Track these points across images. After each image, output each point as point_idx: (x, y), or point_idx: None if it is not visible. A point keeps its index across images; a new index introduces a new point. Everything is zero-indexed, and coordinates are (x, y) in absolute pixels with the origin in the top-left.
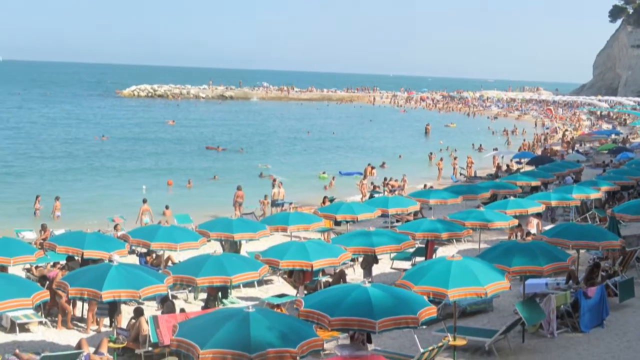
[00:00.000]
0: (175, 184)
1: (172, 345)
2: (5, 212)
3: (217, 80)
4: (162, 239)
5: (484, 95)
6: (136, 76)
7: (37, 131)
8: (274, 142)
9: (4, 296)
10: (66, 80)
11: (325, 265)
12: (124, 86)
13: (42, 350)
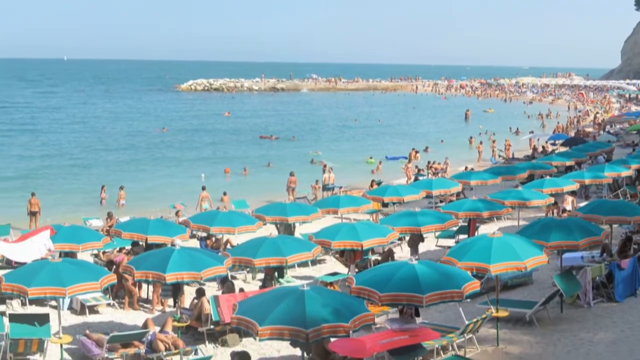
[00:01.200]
0: (232, 171)
1: (233, 323)
2: (73, 201)
3: (269, 74)
4: (221, 224)
5: (520, 81)
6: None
7: (101, 125)
8: (323, 130)
9: (74, 280)
10: (127, 77)
11: (374, 244)
12: (182, 81)
13: (110, 330)
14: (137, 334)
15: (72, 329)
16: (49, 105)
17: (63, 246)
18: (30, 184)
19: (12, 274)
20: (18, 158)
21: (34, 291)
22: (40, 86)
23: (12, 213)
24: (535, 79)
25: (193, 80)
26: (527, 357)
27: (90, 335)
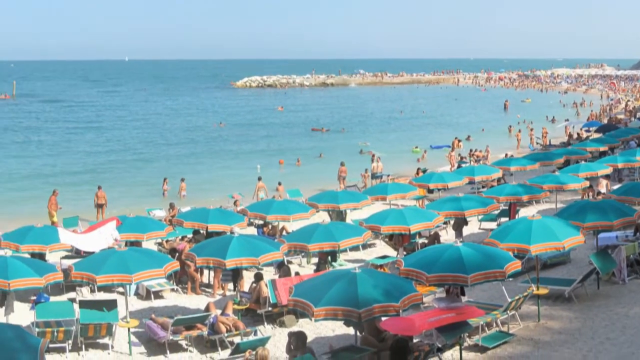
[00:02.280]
0: (286, 162)
1: (289, 305)
2: (137, 193)
3: (319, 70)
4: (277, 212)
5: (555, 72)
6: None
7: (162, 121)
8: (371, 122)
9: (139, 268)
10: (186, 76)
11: (421, 228)
12: (237, 78)
13: (174, 314)
14: (200, 317)
15: (138, 314)
16: (113, 104)
17: (129, 236)
18: (96, 178)
19: (82, 262)
20: (85, 154)
21: (102, 278)
22: (104, 86)
23: (80, 206)
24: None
25: (248, 78)
26: (566, 331)
27: (155, 319)
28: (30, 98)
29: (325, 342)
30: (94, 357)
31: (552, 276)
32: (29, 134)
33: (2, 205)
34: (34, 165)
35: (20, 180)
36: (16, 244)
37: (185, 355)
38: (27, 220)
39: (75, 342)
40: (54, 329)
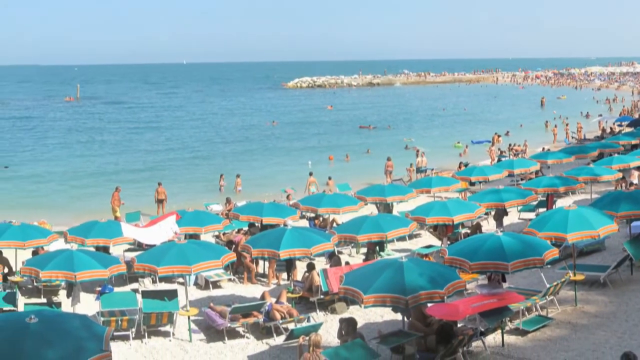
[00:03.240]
0: (335, 158)
1: (340, 293)
2: (195, 189)
3: (365, 70)
4: (327, 205)
5: (588, 71)
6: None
7: (218, 120)
8: (415, 119)
9: (198, 259)
10: (240, 77)
11: (464, 219)
12: (289, 79)
13: (232, 302)
14: (256, 305)
15: (197, 303)
16: (171, 105)
17: (187, 229)
18: (156, 175)
19: (143, 255)
20: (145, 152)
21: (163, 270)
22: (163, 88)
23: (142, 201)
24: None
25: (298, 79)
26: (602, 315)
27: (214, 308)
28: (93, 100)
29: (375, 328)
30: (156, 344)
31: (588, 263)
32: (93, 134)
33: (68, 201)
34: (97, 163)
35: (84, 178)
36: (82, 238)
37: (242, 342)
38: (92, 215)
39: (138, 330)
40: (118, 318)
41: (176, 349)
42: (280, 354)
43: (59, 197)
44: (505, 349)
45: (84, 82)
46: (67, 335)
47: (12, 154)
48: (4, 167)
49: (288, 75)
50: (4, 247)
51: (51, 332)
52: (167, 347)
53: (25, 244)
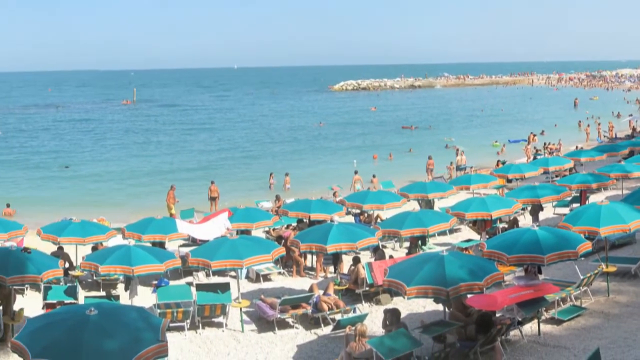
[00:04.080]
0: (379, 157)
1: (384, 285)
2: (247, 187)
3: (407, 74)
4: (372, 201)
5: (619, 73)
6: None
7: (267, 122)
8: (455, 119)
9: (249, 254)
10: (288, 81)
11: (502, 214)
12: (335, 82)
13: (282, 294)
14: (304, 297)
15: (249, 295)
16: (223, 107)
17: (239, 225)
18: (209, 173)
19: (197, 250)
20: (199, 152)
21: (216, 264)
22: (215, 91)
23: (196, 199)
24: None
25: (344, 82)
26: (633, 304)
27: (264, 299)
28: (149, 103)
29: (417, 318)
30: (210, 335)
31: (620, 255)
32: (149, 136)
33: (125, 199)
34: (153, 163)
35: (141, 177)
36: (139, 234)
37: (291, 332)
38: (148, 212)
39: (193, 321)
40: (173, 309)
41: (229, 339)
42: (327, 343)
43: (117, 195)
44: (542, 337)
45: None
46: (125, 327)
47: (72, 155)
48: (65, 167)
49: (334, 79)
50: (65, 243)
51: (110, 323)
52: (220, 337)
53: (85, 240)
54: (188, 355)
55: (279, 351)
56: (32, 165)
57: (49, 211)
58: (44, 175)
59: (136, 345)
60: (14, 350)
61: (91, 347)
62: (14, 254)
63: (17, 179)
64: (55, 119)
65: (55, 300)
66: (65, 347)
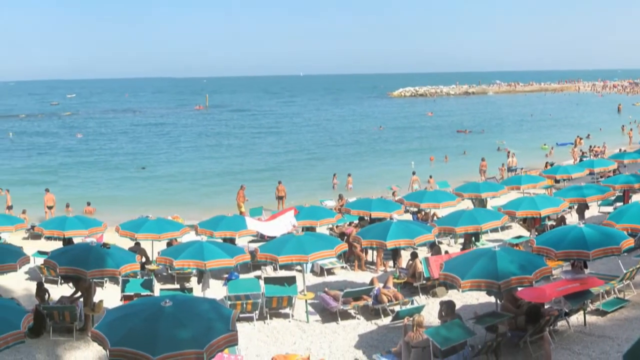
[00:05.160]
0: (435, 159)
1: (440, 278)
2: (311, 187)
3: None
4: (429, 200)
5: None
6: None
7: (331, 126)
8: (506, 124)
9: (314, 249)
10: (350, 88)
11: (550, 212)
12: (394, 89)
13: (344, 287)
14: (365, 290)
15: (313, 288)
16: (290, 112)
17: (305, 222)
18: (277, 174)
19: (265, 245)
20: (267, 154)
21: (283, 259)
22: (282, 97)
23: (264, 198)
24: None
25: (402, 88)
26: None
27: (328, 292)
28: (220, 108)
29: (471, 309)
30: (277, 325)
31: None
32: (220, 139)
33: (198, 198)
34: (224, 164)
35: (213, 177)
36: (211, 231)
37: (353, 322)
38: (220, 210)
39: (261, 312)
40: (243, 301)
41: (295, 329)
42: (387, 333)
43: (190, 194)
44: (587, 327)
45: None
46: (198, 317)
47: (148, 157)
48: (142, 168)
49: (393, 86)
50: (142, 239)
51: (184, 314)
52: (287, 327)
53: (161, 236)
54: (256, 344)
55: (342, 340)
56: (111, 166)
57: (127, 209)
58: (122, 175)
59: (208, 334)
60: (94, 339)
61: (166, 336)
62: (94, 249)
63: (97, 179)
64: (132, 123)
65: (133, 293)
66: (141, 336)
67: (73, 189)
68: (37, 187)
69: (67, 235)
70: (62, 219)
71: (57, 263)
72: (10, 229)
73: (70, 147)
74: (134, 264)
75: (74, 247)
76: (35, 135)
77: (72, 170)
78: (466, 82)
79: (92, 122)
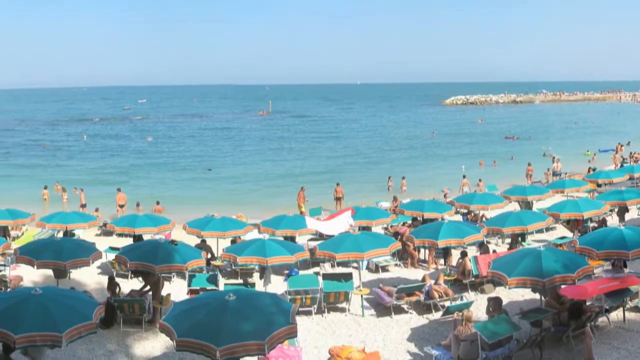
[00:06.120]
0: (485, 163)
1: (488, 276)
2: (368, 189)
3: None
4: (478, 202)
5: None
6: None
7: (386, 132)
8: (552, 131)
9: (369, 247)
10: (405, 95)
11: (592, 215)
12: (446, 97)
13: (398, 283)
14: (417, 286)
15: (369, 284)
16: (348, 118)
17: (361, 222)
18: (335, 176)
19: (324, 244)
20: (326, 158)
21: (340, 256)
22: (341, 104)
23: (323, 199)
24: None
25: (454, 97)
26: None
27: (382, 288)
28: (282, 114)
29: (517, 305)
30: (334, 318)
31: None
32: (282, 143)
33: (261, 198)
34: (286, 166)
35: (275, 179)
36: (272, 229)
37: (406, 316)
38: (281, 210)
39: (319, 307)
40: (302, 296)
41: (351, 323)
42: (438, 326)
43: (253, 195)
44: (626, 323)
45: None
46: (259, 310)
47: (214, 159)
48: (208, 169)
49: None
50: (208, 236)
51: (246, 307)
52: (344, 320)
53: (225, 234)
54: (315, 337)
55: (395, 333)
56: (179, 167)
57: (194, 208)
58: (189, 176)
59: (269, 326)
60: (162, 330)
61: (230, 328)
62: (163, 246)
63: (166, 180)
64: (199, 127)
65: (198, 287)
66: (206, 327)
67: (143, 188)
68: (109, 187)
69: (137, 232)
70: (133, 217)
71: (127, 258)
72: (83, 226)
73: (140, 150)
74: (200, 260)
75: (143, 243)
76: (108, 138)
77: (143, 171)
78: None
79: (161, 126)
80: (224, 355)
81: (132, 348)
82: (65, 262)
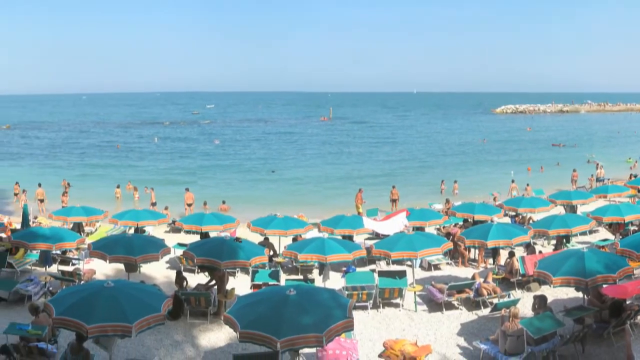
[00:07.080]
0: (532, 169)
1: (534, 275)
2: (421, 191)
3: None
4: (525, 206)
5: None
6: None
7: (440, 138)
8: (596, 139)
9: (422, 247)
10: (458, 104)
11: (633, 219)
12: (496, 106)
13: (449, 281)
14: (467, 284)
15: (422, 281)
16: (404, 125)
17: (415, 223)
18: (391, 180)
19: (379, 243)
20: (382, 162)
21: (395, 254)
22: (397, 111)
23: (379, 200)
24: None
25: (504, 106)
26: None
27: (435, 285)
28: (342, 120)
29: (561, 303)
30: (389, 313)
31: None
32: (342, 147)
33: (321, 199)
34: (345, 170)
35: (335, 181)
36: (331, 229)
37: (456, 312)
38: (340, 210)
39: (375, 302)
40: (359, 292)
41: (404, 317)
42: (486, 322)
43: (314, 195)
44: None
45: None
46: (318, 305)
47: (278, 161)
48: (272, 171)
49: (496, 103)
50: (270, 234)
51: (306, 302)
52: (397, 315)
53: (287, 233)
54: (370, 330)
55: (446, 328)
56: (244, 169)
57: (258, 208)
58: (254, 178)
59: (328, 320)
60: (226, 323)
61: (290, 321)
62: (228, 243)
63: (232, 181)
64: (264, 132)
65: (261, 282)
66: (268, 320)
67: (210, 188)
68: (178, 187)
69: (204, 229)
70: (200, 215)
71: (194, 254)
72: (153, 223)
73: (208, 152)
74: (263, 256)
75: (210, 240)
76: (178, 140)
77: (210, 172)
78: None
79: (228, 129)
80: (285, 347)
81: (198, 339)
82: (136, 257)
